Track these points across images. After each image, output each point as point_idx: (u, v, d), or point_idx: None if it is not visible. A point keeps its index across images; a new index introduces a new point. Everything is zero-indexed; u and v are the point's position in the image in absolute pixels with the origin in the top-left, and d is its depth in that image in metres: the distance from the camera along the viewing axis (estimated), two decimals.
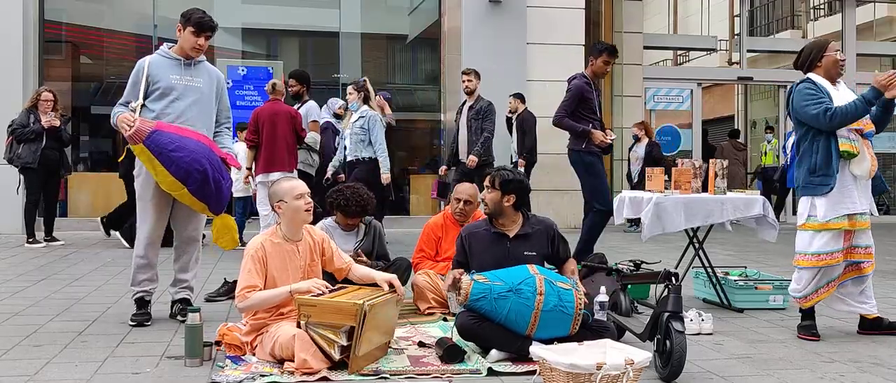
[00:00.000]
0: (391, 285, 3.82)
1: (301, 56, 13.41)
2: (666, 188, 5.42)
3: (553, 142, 11.14)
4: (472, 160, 8.00)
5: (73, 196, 10.89)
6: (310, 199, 3.91)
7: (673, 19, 18.59)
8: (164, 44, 4.71)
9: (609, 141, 6.25)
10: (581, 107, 6.28)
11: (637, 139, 11.19)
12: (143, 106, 4.45)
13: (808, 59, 4.47)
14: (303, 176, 7.44)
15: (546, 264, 4.11)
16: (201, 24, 4.54)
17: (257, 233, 5.53)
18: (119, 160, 4.91)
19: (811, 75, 4.41)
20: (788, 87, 4.56)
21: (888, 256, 8.49)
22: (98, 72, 11.98)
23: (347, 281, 4.10)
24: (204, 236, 4.96)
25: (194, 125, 4.50)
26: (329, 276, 4.10)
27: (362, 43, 12.79)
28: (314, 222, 4.24)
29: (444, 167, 8.65)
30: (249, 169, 7.39)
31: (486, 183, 4.14)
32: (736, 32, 15.21)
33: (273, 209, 3.95)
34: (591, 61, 6.45)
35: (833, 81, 4.40)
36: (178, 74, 4.53)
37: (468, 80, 8.36)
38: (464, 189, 5.30)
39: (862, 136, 4.33)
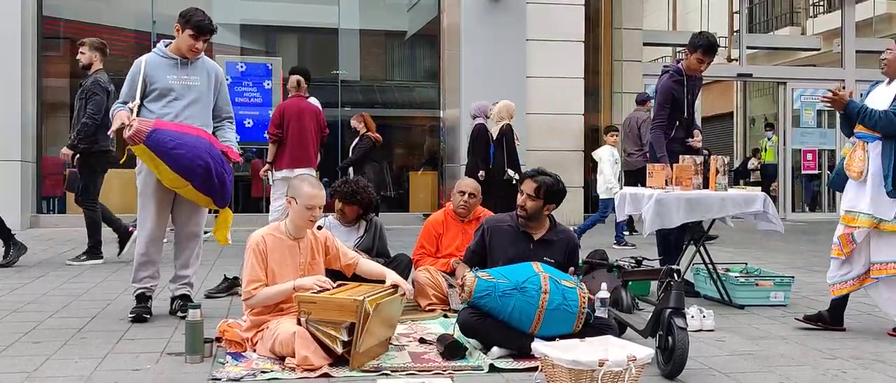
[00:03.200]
0: (395, 286, 3.83)
1: (300, 52, 13.39)
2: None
3: (553, 139, 11.17)
4: (65, 153, 6.77)
5: (72, 192, 10.86)
6: (317, 215, 3.91)
7: (672, 16, 18.60)
8: (162, 41, 4.67)
9: (698, 145, 5.80)
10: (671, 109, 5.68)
11: (357, 132, 10.34)
12: (140, 106, 4.42)
13: None
14: None
15: None
16: (201, 28, 4.50)
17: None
18: (121, 161, 4.87)
19: None
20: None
21: None
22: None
23: (353, 277, 4.09)
24: (206, 232, 4.93)
25: (193, 123, 4.48)
26: (336, 274, 4.08)
27: (361, 39, 12.77)
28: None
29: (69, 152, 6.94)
30: (270, 163, 7.37)
31: (530, 190, 4.06)
32: (735, 29, 15.23)
33: (286, 200, 3.96)
34: (686, 54, 5.74)
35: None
36: (176, 74, 4.50)
37: (80, 53, 6.81)
38: (467, 182, 5.28)
39: (860, 138, 4.39)
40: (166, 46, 4.60)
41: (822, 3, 18.72)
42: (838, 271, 4.48)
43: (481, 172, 8.66)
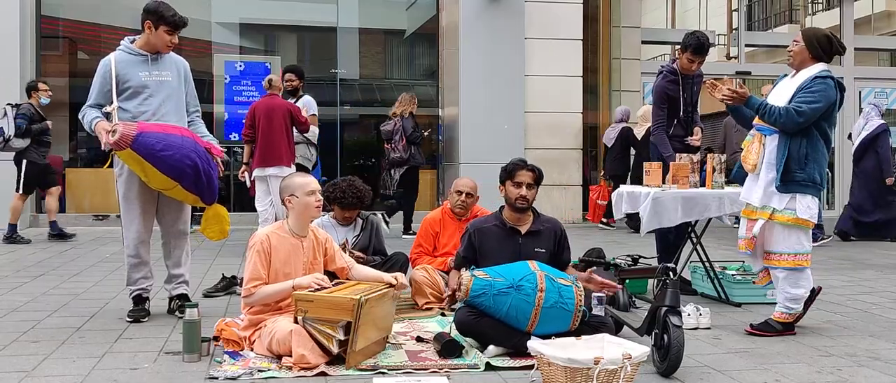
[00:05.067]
0: (391, 283, 3.85)
1: (299, 51, 13.38)
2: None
3: (552, 137, 11.17)
4: None
5: (71, 191, 10.88)
6: (320, 197, 3.94)
7: (671, 14, 18.55)
8: (126, 38, 4.61)
9: (697, 143, 5.80)
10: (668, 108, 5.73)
11: None
12: (117, 107, 4.38)
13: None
14: (300, 169, 7.44)
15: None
16: (176, 24, 4.47)
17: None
18: (106, 167, 4.86)
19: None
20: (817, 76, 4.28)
21: (885, 250, 8.50)
22: (95, 67, 11.94)
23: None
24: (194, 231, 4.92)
25: (169, 120, 4.45)
26: (331, 275, 4.10)
27: (360, 38, 12.76)
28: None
29: None
30: (246, 164, 7.38)
31: (530, 180, 4.07)
32: (734, 27, 15.20)
33: (283, 202, 3.97)
34: (678, 54, 5.83)
35: None
36: (147, 71, 4.47)
37: None
38: (465, 182, 5.29)
39: (758, 130, 4.39)
40: (132, 43, 4.54)
41: (820, 0, 18.71)
42: (756, 268, 4.55)
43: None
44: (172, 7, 4.52)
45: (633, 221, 9.84)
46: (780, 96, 4.37)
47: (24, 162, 8.44)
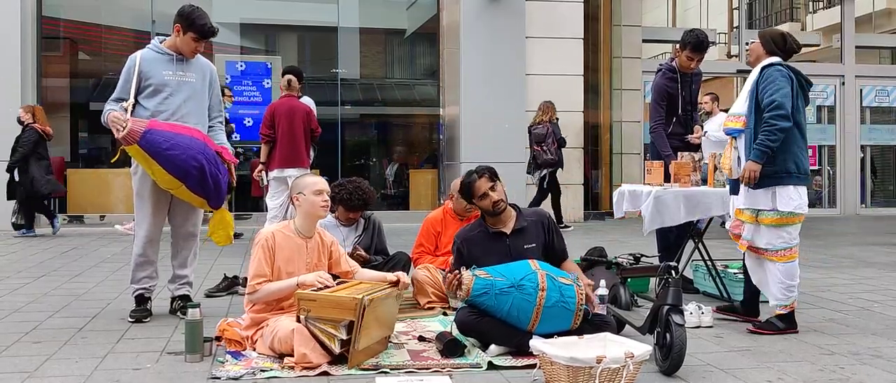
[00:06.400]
0: (396, 280, 3.85)
1: (299, 51, 13.40)
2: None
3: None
4: None
5: (72, 192, 10.89)
6: (327, 198, 3.94)
7: (672, 12, 18.56)
8: (156, 37, 4.65)
9: (697, 141, 5.80)
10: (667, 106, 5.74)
11: (22, 124, 9.32)
12: (136, 103, 4.41)
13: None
14: None
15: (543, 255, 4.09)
16: (204, 32, 4.48)
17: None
18: (112, 161, 4.88)
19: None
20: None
21: (887, 248, 8.50)
22: (96, 68, 11.97)
23: None
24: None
25: (188, 121, 4.46)
26: (333, 277, 4.10)
27: (361, 38, 12.77)
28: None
29: None
30: (264, 164, 7.38)
31: (488, 187, 4.02)
32: (735, 25, 15.20)
33: (291, 200, 3.98)
34: (676, 52, 5.82)
35: None
36: (171, 70, 4.49)
37: None
38: None
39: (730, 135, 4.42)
40: (161, 43, 4.57)
41: None
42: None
43: None
44: (206, 15, 4.51)
45: None
46: (740, 99, 4.44)
47: None
